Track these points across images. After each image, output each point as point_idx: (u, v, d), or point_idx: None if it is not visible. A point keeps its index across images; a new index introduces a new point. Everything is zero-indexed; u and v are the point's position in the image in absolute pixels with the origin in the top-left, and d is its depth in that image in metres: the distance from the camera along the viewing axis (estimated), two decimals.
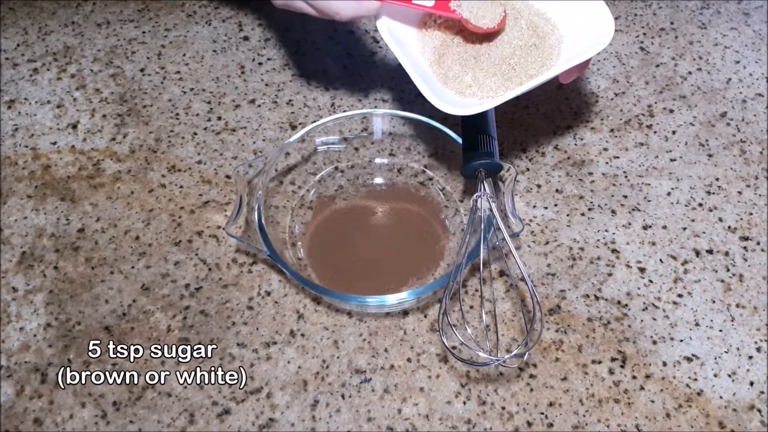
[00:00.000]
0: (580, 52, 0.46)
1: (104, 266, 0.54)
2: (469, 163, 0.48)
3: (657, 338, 0.50)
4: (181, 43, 0.70)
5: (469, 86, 0.48)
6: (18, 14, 0.73)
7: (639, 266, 0.54)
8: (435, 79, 0.49)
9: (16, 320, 0.51)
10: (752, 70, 0.67)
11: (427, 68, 0.49)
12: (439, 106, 0.45)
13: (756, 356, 0.50)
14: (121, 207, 0.57)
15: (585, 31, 0.47)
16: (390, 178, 0.58)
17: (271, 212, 0.53)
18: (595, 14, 0.47)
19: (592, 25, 0.47)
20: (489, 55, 0.49)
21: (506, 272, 0.53)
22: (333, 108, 0.64)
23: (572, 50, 0.48)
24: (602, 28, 0.46)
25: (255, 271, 0.54)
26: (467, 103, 0.48)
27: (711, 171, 0.60)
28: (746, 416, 0.47)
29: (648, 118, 0.64)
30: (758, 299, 0.52)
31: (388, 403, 0.47)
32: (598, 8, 0.46)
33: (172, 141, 0.62)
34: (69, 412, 0.47)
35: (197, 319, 0.51)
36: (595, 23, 0.46)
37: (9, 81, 0.67)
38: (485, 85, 0.48)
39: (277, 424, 0.47)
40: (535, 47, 0.48)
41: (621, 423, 0.47)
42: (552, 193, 0.58)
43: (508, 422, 0.46)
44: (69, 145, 0.62)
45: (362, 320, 0.51)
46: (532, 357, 0.49)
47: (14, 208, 0.58)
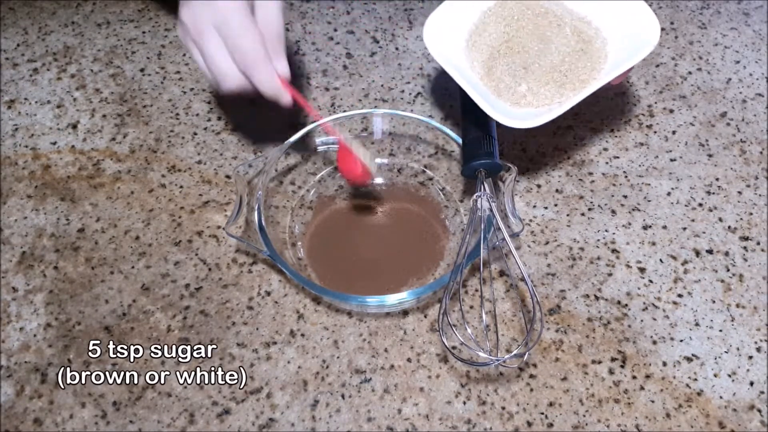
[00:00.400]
0: (629, 52, 0.46)
1: (104, 266, 0.54)
2: (469, 163, 0.48)
3: (657, 338, 0.50)
4: (181, 43, 0.70)
5: (524, 96, 0.48)
6: (18, 14, 0.73)
7: (639, 266, 0.54)
8: (489, 92, 0.49)
9: (16, 320, 0.51)
10: (752, 70, 0.67)
11: (478, 82, 0.49)
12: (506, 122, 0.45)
13: (756, 356, 0.50)
14: (121, 207, 0.57)
15: (628, 31, 0.48)
16: (390, 178, 0.58)
17: (271, 212, 0.53)
18: (636, 14, 0.47)
19: (635, 25, 0.47)
20: (539, 64, 0.49)
21: (506, 272, 0.53)
22: (333, 108, 0.64)
23: (619, 51, 0.48)
24: (646, 26, 0.46)
25: (255, 271, 0.54)
26: (527, 113, 0.48)
27: (711, 171, 0.60)
28: (746, 416, 0.47)
29: (648, 118, 0.64)
30: (758, 299, 0.52)
31: (388, 403, 0.47)
32: (639, 7, 0.47)
33: (172, 141, 0.62)
34: (69, 412, 0.47)
35: (197, 319, 0.51)
36: (637, 23, 0.47)
37: (9, 81, 0.67)
38: (540, 93, 0.48)
39: (277, 424, 0.47)
40: (582, 52, 0.49)
41: (621, 423, 0.47)
42: (552, 193, 0.58)
43: (508, 422, 0.46)
44: (69, 145, 0.62)
45: (362, 320, 0.51)
46: (532, 357, 0.49)
47: (14, 208, 0.58)
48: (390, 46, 0.69)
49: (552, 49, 0.49)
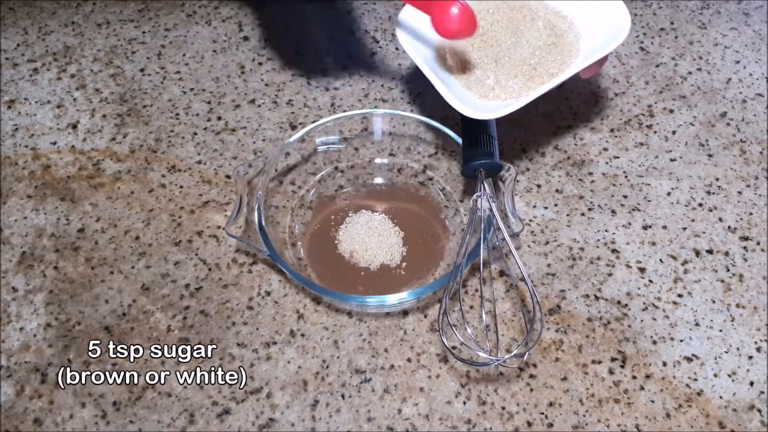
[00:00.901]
0: (599, 47, 0.46)
1: (104, 266, 0.54)
2: (469, 163, 0.48)
3: (657, 338, 0.50)
4: (181, 43, 0.70)
5: (492, 89, 0.48)
6: (18, 14, 0.73)
7: (639, 266, 0.54)
8: (458, 85, 0.49)
9: (16, 320, 0.51)
10: (752, 70, 0.67)
11: (447, 74, 0.49)
12: (461, 110, 0.45)
13: (756, 356, 0.50)
14: (121, 207, 0.57)
15: (601, 26, 0.48)
16: (390, 178, 0.58)
17: (271, 212, 0.53)
18: (611, 9, 0.47)
19: (608, 20, 0.47)
20: (509, 57, 0.49)
21: (506, 272, 0.53)
22: (333, 108, 0.64)
23: (590, 46, 0.48)
24: (618, 22, 0.46)
25: (255, 271, 0.54)
26: (491, 106, 0.48)
27: (711, 171, 0.60)
28: (746, 416, 0.47)
29: (648, 118, 0.64)
30: (758, 299, 0.52)
31: (388, 403, 0.47)
32: (614, 3, 0.47)
33: (172, 141, 0.62)
34: (69, 412, 0.47)
35: (197, 319, 0.51)
36: (611, 18, 0.47)
37: (9, 81, 0.67)
38: (508, 86, 0.48)
39: (277, 424, 0.47)
40: (554, 46, 0.49)
41: (621, 423, 0.47)
42: (552, 193, 0.58)
43: (508, 422, 0.46)
44: (69, 145, 0.62)
45: (362, 320, 0.51)
46: (532, 357, 0.49)
47: (14, 208, 0.58)
48: (390, 46, 0.69)
49: (523, 43, 0.49)
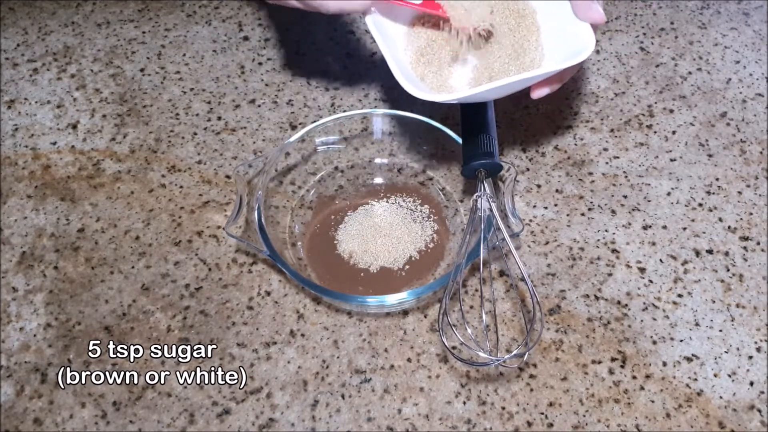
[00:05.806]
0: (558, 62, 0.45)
1: (104, 266, 0.54)
2: (469, 163, 0.48)
3: (657, 338, 0.50)
4: (181, 43, 0.70)
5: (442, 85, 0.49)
6: (18, 14, 0.73)
7: (639, 266, 0.54)
8: (414, 76, 0.49)
9: (16, 320, 0.51)
10: (752, 70, 0.67)
11: (407, 66, 0.49)
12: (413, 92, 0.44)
13: (756, 356, 0.50)
14: (121, 207, 0.57)
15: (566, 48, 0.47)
16: (390, 178, 0.58)
17: (271, 212, 0.53)
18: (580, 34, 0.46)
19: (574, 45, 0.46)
20: (469, 60, 0.49)
21: (506, 272, 0.53)
22: (333, 108, 0.64)
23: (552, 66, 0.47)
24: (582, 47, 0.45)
25: (255, 271, 0.54)
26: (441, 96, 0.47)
27: (711, 171, 0.60)
28: (746, 416, 0.47)
29: (648, 118, 0.64)
30: (758, 299, 0.52)
31: (388, 403, 0.47)
32: (584, 29, 0.46)
33: (172, 141, 0.62)
34: (69, 412, 0.47)
35: (197, 319, 0.51)
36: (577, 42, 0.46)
37: (9, 81, 0.67)
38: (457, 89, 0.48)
39: (277, 424, 0.47)
40: (515, 58, 0.48)
41: (621, 423, 0.47)
42: (552, 193, 0.58)
43: (508, 422, 0.46)
44: (69, 145, 0.62)
45: (362, 320, 0.51)
46: (532, 357, 0.49)
47: (14, 208, 0.58)
48: None
49: (486, 52, 0.49)
